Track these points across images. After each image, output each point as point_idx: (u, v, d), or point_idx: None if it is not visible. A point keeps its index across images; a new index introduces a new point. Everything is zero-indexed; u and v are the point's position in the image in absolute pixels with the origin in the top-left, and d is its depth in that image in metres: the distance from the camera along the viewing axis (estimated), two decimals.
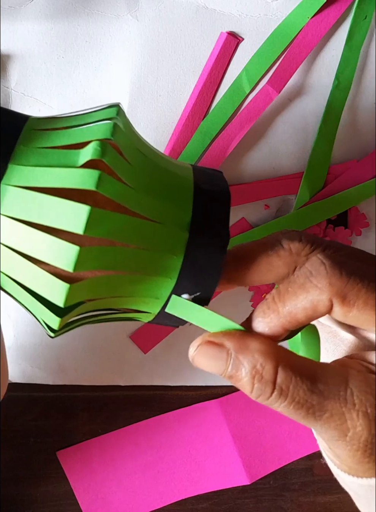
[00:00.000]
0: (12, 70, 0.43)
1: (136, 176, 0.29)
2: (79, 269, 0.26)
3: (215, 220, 0.29)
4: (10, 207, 0.26)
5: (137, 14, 0.43)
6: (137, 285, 0.29)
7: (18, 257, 0.27)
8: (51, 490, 0.51)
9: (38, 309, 0.29)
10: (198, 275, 0.29)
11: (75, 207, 0.26)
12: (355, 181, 0.47)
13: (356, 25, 0.44)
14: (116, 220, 0.27)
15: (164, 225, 0.28)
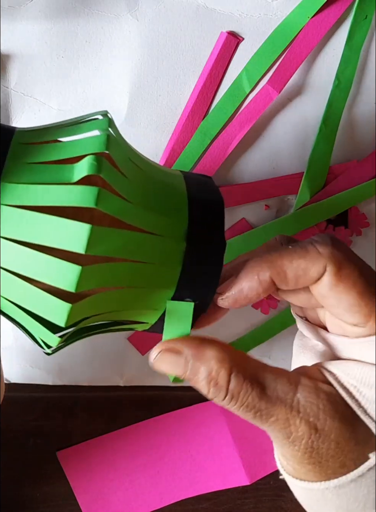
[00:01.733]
0: (12, 70, 0.43)
1: (132, 189, 0.28)
2: (81, 288, 0.26)
3: (211, 229, 0.29)
4: (4, 227, 0.25)
5: (137, 14, 0.43)
6: (137, 299, 0.29)
7: (14, 278, 0.26)
8: (51, 490, 0.51)
9: (36, 328, 0.28)
10: (195, 284, 0.29)
11: (75, 226, 0.25)
12: (355, 181, 0.47)
13: (357, 25, 0.44)
14: (115, 236, 0.26)
15: (162, 237, 0.28)
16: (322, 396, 0.27)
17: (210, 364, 0.27)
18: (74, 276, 0.25)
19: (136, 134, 0.45)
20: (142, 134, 0.45)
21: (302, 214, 0.47)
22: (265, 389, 0.27)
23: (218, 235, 0.29)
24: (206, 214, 0.30)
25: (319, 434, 0.26)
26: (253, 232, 0.47)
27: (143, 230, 0.27)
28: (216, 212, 0.30)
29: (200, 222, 0.29)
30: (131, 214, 0.27)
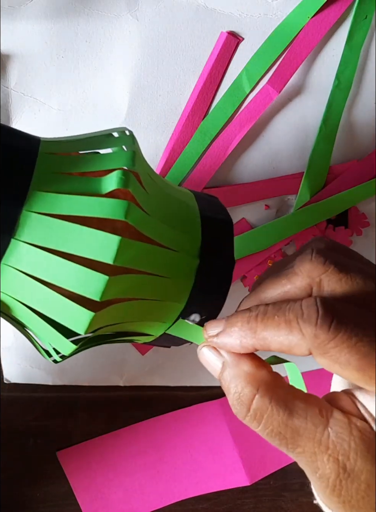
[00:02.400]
0: (11, 70, 0.43)
1: (153, 204, 0.29)
2: (104, 297, 0.26)
3: (221, 247, 0.31)
4: (32, 234, 0.26)
5: (137, 13, 0.43)
6: (150, 310, 0.29)
7: (36, 283, 0.26)
8: (51, 490, 0.51)
9: (50, 335, 0.29)
10: (205, 299, 0.30)
11: (105, 237, 0.26)
12: (355, 181, 0.47)
13: (357, 25, 0.44)
14: (138, 249, 0.27)
15: (178, 252, 0.29)
16: (355, 433, 0.25)
17: (239, 376, 0.27)
18: (101, 285, 0.26)
19: (136, 134, 0.44)
20: (142, 134, 0.45)
21: (302, 214, 0.47)
22: (293, 417, 0.25)
23: (228, 254, 0.31)
24: (217, 233, 0.31)
25: (348, 474, 0.25)
26: (253, 232, 0.47)
27: (161, 244, 0.29)
28: (226, 231, 0.31)
29: (212, 240, 0.31)
30: (153, 228, 0.28)
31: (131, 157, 0.29)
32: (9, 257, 0.26)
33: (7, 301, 0.27)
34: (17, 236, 0.26)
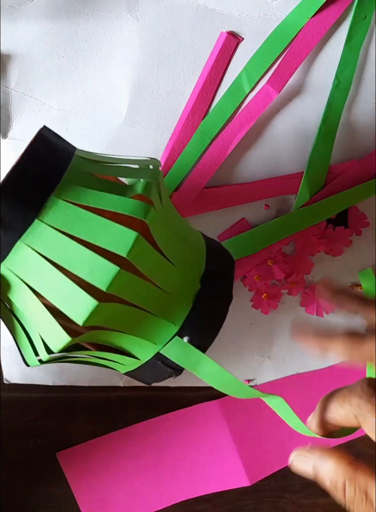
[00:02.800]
0: (12, 70, 0.43)
1: (168, 219, 0.31)
2: (110, 289, 0.28)
3: (222, 279, 0.33)
4: (56, 218, 0.27)
5: (137, 14, 0.43)
6: (144, 324, 0.31)
7: (48, 265, 0.28)
8: (51, 491, 0.51)
9: (45, 324, 0.29)
10: (201, 325, 0.32)
11: (124, 231, 0.28)
12: (355, 181, 0.47)
13: (356, 25, 0.44)
14: (151, 254, 0.29)
15: (183, 272, 0.31)
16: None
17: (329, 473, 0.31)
18: (111, 275, 0.27)
19: (136, 134, 0.45)
20: (142, 134, 0.45)
21: (302, 213, 0.47)
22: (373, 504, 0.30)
23: (227, 287, 0.33)
24: (220, 266, 0.34)
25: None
26: (253, 232, 0.47)
27: (171, 261, 0.30)
28: (228, 266, 0.34)
29: (215, 271, 0.33)
30: (165, 238, 0.30)
31: (157, 173, 0.32)
32: (29, 236, 0.27)
33: (10, 279, 0.28)
34: (41, 217, 0.27)
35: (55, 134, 0.31)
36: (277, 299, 0.49)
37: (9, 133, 0.44)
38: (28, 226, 0.27)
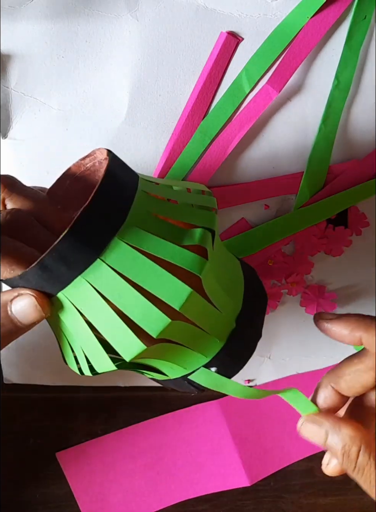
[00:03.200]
0: (12, 70, 0.43)
1: (216, 264, 0.33)
2: (160, 336, 0.29)
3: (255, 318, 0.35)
4: (116, 260, 0.29)
5: (137, 14, 0.43)
6: (181, 356, 0.33)
7: (104, 303, 0.29)
8: (51, 491, 0.51)
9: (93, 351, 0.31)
10: (229, 359, 0.34)
11: (180, 286, 0.29)
12: (355, 180, 0.47)
13: (356, 25, 0.44)
14: (200, 304, 0.31)
15: (222, 314, 0.33)
16: None
17: (344, 440, 0.32)
18: (162, 325, 0.29)
19: (136, 134, 0.45)
20: (142, 134, 0.45)
21: (302, 213, 0.47)
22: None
23: (259, 326, 0.35)
24: (254, 305, 0.35)
25: None
26: (252, 232, 0.47)
27: (215, 306, 0.32)
28: (261, 305, 0.36)
29: (249, 310, 0.34)
30: (213, 288, 0.32)
31: (214, 219, 0.33)
32: (89, 273, 0.29)
33: (65, 305, 0.29)
34: (103, 257, 0.29)
35: (121, 164, 0.32)
36: (277, 299, 0.49)
37: (9, 133, 0.44)
38: (90, 264, 0.28)
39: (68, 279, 0.29)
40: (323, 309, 0.50)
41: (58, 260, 0.28)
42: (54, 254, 0.28)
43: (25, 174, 0.44)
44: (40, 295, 0.30)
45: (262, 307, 0.36)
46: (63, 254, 0.28)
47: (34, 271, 0.28)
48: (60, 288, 0.29)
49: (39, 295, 0.30)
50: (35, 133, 0.44)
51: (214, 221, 0.33)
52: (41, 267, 0.28)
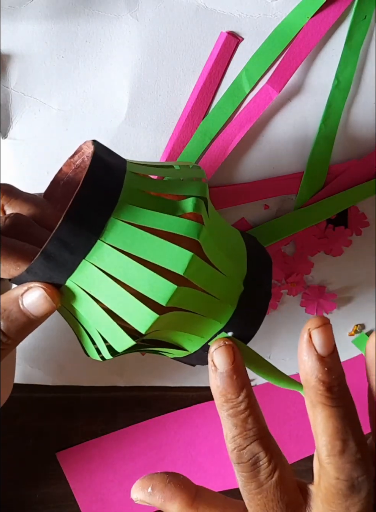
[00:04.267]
0: (12, 70, 0.43)
1: (214, 230, 0.34)
2: (169, 304, 0.30)
3: (263, 280, 0.36)
4: (116, 238, 0.30)
5: (137, 14, 0.43)
6: (195, 324, 0.33)
7: (111, 281, 0.30)
8: (51, 491, 0.51)
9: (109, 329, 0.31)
10: (243, 322, 0.34)
11: (181, 251, 0.30)
12: (355, 181, 0.47)
13: (356, 25, 0.44)
14: (203, 267, 0.32)
15: (230, 278, 0.34)
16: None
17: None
18: (169, 292, 0.30)
19: (136, 134, 0.45)
20: (142, 134, 0.45)
21: (302, 213, 0.47)
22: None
23: (267, 287, 0.36)
24: (260, 268, 0.36)
25: None
26: (252, 232, 0.47)
27: (218, 269, 0.33)
28: (267, 267, 0.36)
29: (255, 273, 0.35)
30: (214, 252, 0.33)
31: (205, 188, 0.34)
32: (92, 256, 0.30)
33: (75, 291, 0.31)
34: (103, 238, 0.30)
35: (107, 150, 0.33)
36: (277, 299, 0.49)
37: (9, 133, 0.44)
38: (91, 247, 0.29)
39: (73, 264, 0.30)
40: (323, 309, 0.50)
41: (60, 246, 0.29)
42: (55, 242, 0.29)
43: (25, 174, 0.44)
44: (49, 286, 0.31)
45: (267, 268, 0.36)
46: (64, 240, 0.29)
47: (40, 261, 0.29)
48: (67, 275, 0.30)
49: (48, 286, 0.31)
50: (35, 133, 0.44)
51: (205, 190, 0.34)
52: (45, 257, 0.29)
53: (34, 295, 0.31)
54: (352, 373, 0.52)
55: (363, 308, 0.51)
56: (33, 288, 0.31)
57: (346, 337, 0.51)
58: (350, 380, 0.56)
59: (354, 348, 0.52)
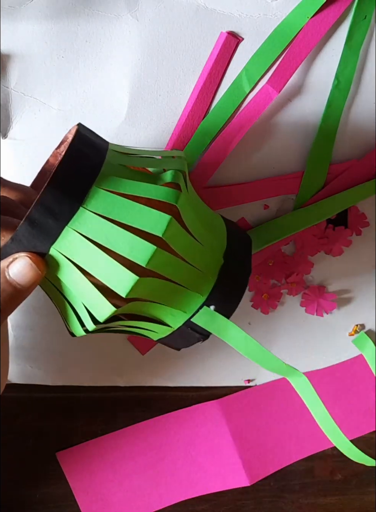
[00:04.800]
0: (12, 70, 0.43)
1: (193, 203, 0.35)
2: (149, 266, 0.31)
3: (242, 255, 0.37)
4: (98, 205, 0.31)
5: (137, 14, 0.43)
6: (176, 295, 0.34)
7: (93, 246, 0.31)
8: (51, 491, 0.51)
9: (91, 296, 0.32)
10: (224, 296, 0.35)
11: (159, 215, 0.31)
12: (355, 180, 0.47)
13: (356, 25, 0.44)
14: (182, 234, 0.33)
15: (209, 249, 0.35)
16: None
17: None
18: (149, 253, 0.31)
19: (136, 134, 0.45)
20: (142, 134, 0.45)
21: (302, 213, 0.47)
22: None
23: (247, 262, 0.37)
24: (239, 244, 0.37)
25: None
26: (252, 232, 0.47)
27: (198, 240, 0.34)
28: (246, 244, 0.38)
29: (235, 248, 0.36)
30: (192, 220, 0.34)
31: (184, 163, 0.36)
32: (75, 222, 0.31)
33: (59, 260, 0.32)
34: (85, 205, 0.31)
35: (91, 131, 0.35)
36: (277, 299, 0.49)
37: (9, 133, 0.44)
38: (74, 213, 0.31)
39: (57, 231, 0.31)
40: (323, 309, 0.50)
41: (44, 212, 0.30)
42: (39, 208, 0.30)
43: (25, 174, 0.44)
44: (34, 255, 0.31)
45: (247, 245, 0.38)
46: (48, 206, 0.30)
47: (24, 228, 0.30)
48: (51, 242, 0.31)
49: (33, 255, 0.31)
50: (35, 133, 0.44)
51: (184, 165, 0.36)
52: (29, 222, 0.30)
53: (20, 264, 0.32)
54: (352, 373, 0.52)
55: (363, 308, 0.51)
56: (18, 258, 0.32)
57: (346, 337, 0.51)
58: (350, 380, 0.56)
59: (354, 348, 0.52)
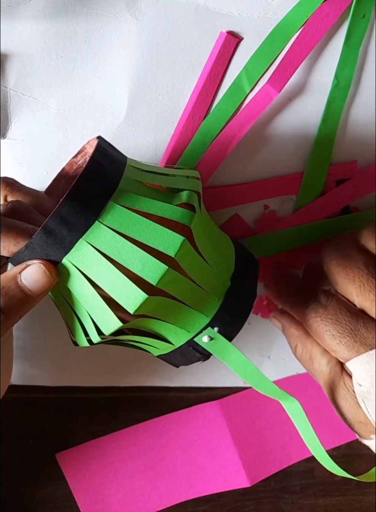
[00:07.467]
0: (10, 70, 0.43)
1: (205, 225, 0.36)
2: (159, 285, 0.32)
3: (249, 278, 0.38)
4: (113, 220, 0.32)
5: (137, 13, 0.43)
6: (181, 314, 0.35)
7: (105, 260, 0.32)
8: (51, 492, 0.51)
9: (98, 309, 0.33)
10: (228, 318, 0.36)
11: (173, 235, 0.32)
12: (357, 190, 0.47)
13: (355, 24, 0.43)
14: (193, 255, 0.34)
15: (218, 271, 0.35)
16: None
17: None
18: (160, 272, 0.32)
19: (136, 134, 0.45)
20: (142, 134, 0.45)
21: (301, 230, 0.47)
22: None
23: (253, 286, 0.37)
24: (246, 268, 0.38)
25: None
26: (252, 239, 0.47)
27: (208, 262, 0.35)
28: (253, 268, 0.39)
29: (242, 272, 0.37)
30: (203, 242, 0.34)
31: (198, 184, 0.37)
32: (89, 235, 0.31)
33: (70, 270, 0.32)
34: (101, 219, 0.32)
35: (109, 145, 0.35)
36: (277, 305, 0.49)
37: (8, 133, 0.44)
38: (89, 226, 0.31)
39: (71, 242, 0.31)
40: None
41: (60, 223, 0.31)
42: (56, 218, 0.31)
43: (24, 174, 0.44)
44: (47, 262, 0.32)
45: (254, 269, 0.38)
46: (65, 217, 0.31)
47: (39, 236, 0.31)
48: (64, 252, 0.32)
49: (46, 263, 0.32)
50: (34, 133, 0.44)
51: (199, 186, 0.36)
52: (45, 232, 0.31)
53: (33, 270, 0.32)
54: None
55: None
56: (31, 265, 0.32)
57: None
58: None
59: None
